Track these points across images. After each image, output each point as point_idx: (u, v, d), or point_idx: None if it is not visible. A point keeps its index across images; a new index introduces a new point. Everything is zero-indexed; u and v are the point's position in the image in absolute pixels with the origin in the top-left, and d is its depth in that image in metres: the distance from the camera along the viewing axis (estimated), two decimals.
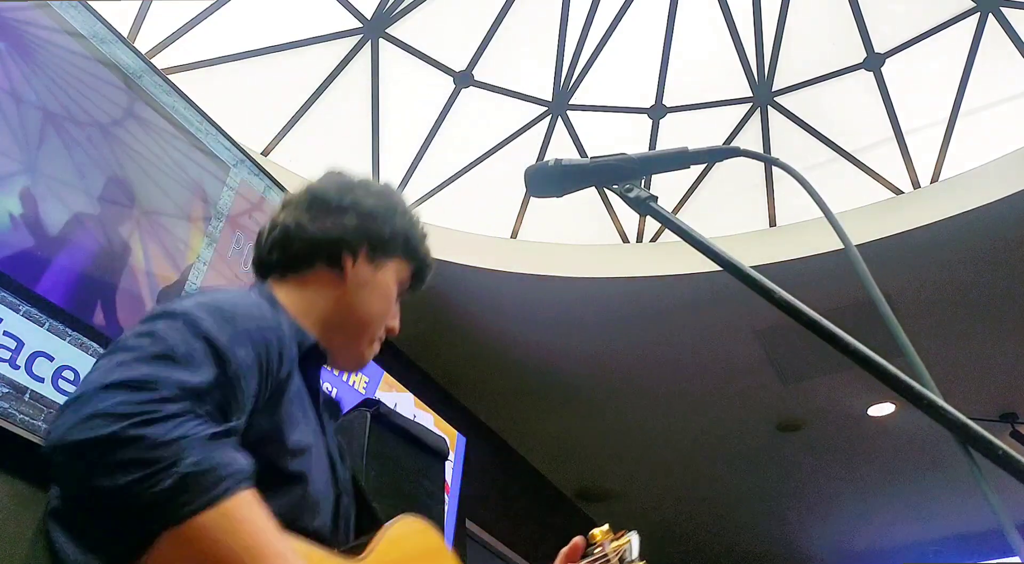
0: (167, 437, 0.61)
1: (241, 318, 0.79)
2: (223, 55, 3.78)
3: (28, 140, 2.28)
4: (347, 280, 1.01)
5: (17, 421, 2.06)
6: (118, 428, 0.60)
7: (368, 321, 1.03)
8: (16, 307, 2.12)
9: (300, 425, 0.86)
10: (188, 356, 0.69)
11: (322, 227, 1.02)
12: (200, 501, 0.60)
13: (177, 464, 0.60)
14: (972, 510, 6.51)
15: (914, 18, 4.23)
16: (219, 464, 0.63)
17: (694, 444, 5.75)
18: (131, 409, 0.61)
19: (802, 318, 0.68)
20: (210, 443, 0.64)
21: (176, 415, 0.63)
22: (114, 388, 0.63)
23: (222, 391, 0.71)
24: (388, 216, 1.06)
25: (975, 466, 0.58)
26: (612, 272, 4.40)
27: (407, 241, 1.07)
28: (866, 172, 4.51)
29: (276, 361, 0.82)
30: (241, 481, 0.65)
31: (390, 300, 1.06)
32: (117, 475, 0.58)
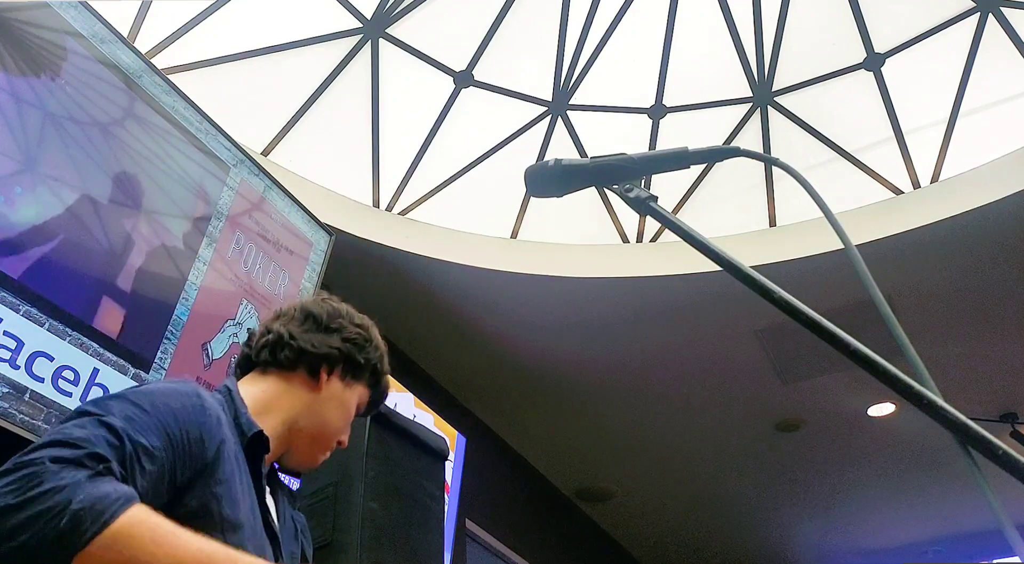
0: (50, 491, 0.71)
1: (160, 410, 0.90)
2: (223, 55, 3.78)
3: (28, 140, 2.28)
4: (321, 390, 1.17)
5: (17, 421, 2.06)
6: (5, 501, 0.69)
7: (329, 431, 1.17)
8: (16, 307, 2.12)
9: (235, 503, 0.95)
10: (80, 440, 0.79)
11: (311, 341, 1.18)
12: (96, 525, 0.70)
13: (66, 506, 0.70)
14: (972, 510, 6.51)
15: (914, 18, 4.23)
16: (104, 494, 0.73)
17: (694, 444, 5.75)
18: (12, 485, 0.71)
19: (802, 318, 0.68)
20: (92, 482, 0.74)
21: (53, 472, 0.73)
22: None
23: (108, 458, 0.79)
24: (365, 345, 1.23)
25: (975, 466, 0.58)
26: (612, 272, 4.40)
27: (374, 372, 1.24)
28: (866, 172, 4.51)
29: (196, 443, 0.92)
30: (129, 500, 0.74)
31: (349, 418, 1.21)
32: (20, 535, 0.68)
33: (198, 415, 0.95)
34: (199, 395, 0.99)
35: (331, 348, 1.19)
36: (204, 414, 0.96)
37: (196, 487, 0.91)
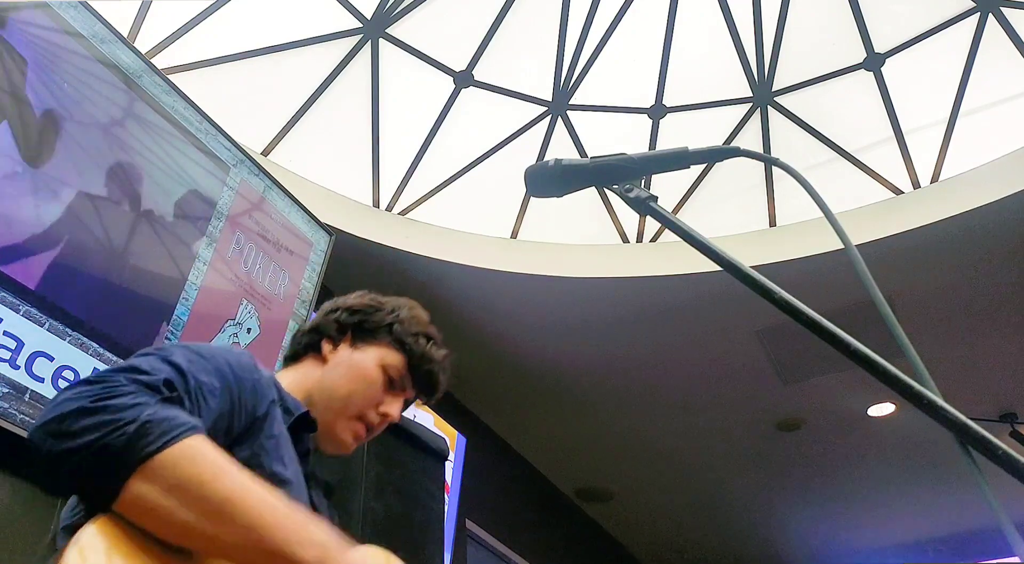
0: (125, 404, 0.73)
1: (213, 358, 0.91)
2: (223, 55, 3.78)
3: (28, 140, 2.28)
4: (326, 362, 1.16)
5: (17, 421, 2.06)
6: (82, 403, 0.72)
7: (339, 397, 1.12)
8: (16, 307, 2.12)
9: (283, 463, 0.95)
10: (149, 368, 0.80)
11: (314, 324, 1.22)
12: (161, 441, 0.71)
13: (136, 418, 0.71)
14: (972, 510, 6.51)
15: (914, 18, 4.23)
16: (173, 416, 0.74)
17: (694, 443, 5.75)
18: (92, 391, 0.73)
19: (802, 318, 0.68)
20: (163, 404, 0.76)
21: (131, 392, 0.75)
22: (76, 386, 0.75)
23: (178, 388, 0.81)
24: (372, 311, 1.21)
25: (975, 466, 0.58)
26: (612, 272, 4.40)
27: (392, 331, 1.19)
28: (866, 172, 4.51)
29: (248, 396, 0.93)
30: (196, 428, 0.75)
31: (369, 381, 1.14)
32: (86, 435, 0.69)
33: (251, 371, 0.96)
34: (251, 356, 1.00)
35: (333, 322, 1.20)
36: (257, 371, 0.98)
37: (246, 440, 0.92)
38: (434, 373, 1.20)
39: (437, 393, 1.22)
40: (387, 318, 1.20)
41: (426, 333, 1.22)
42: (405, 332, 1.19)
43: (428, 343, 1.20)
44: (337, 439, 1.13)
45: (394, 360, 1.17)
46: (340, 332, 1.19)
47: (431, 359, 1.20)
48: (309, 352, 1.19)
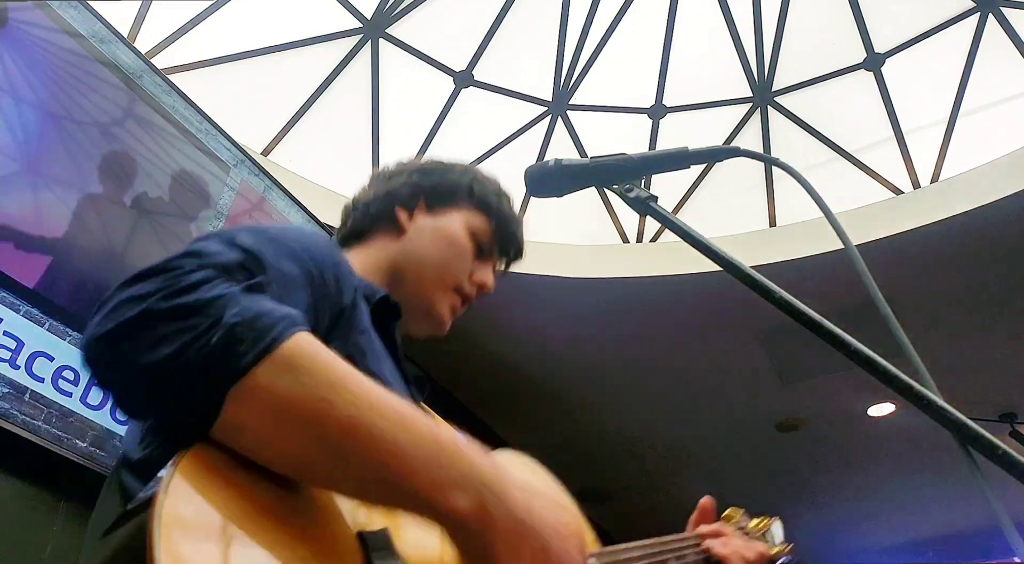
0: (200, 299, 0.54)
1: (287, 240, 0.73)
2: (223, 55, 3.78)
3: (28, 140, 2.28)
4: (406, 230, 1.01)
5: (17, 421, 2.06)
6: (146, 305, 0.54)
7: (432, 266, 0.99)
8: (16, 307, 2.12)
9: (379, 362, 0.80)
10: (217, 250, 0.63)
11: (377, 192, 1.05)
12: (257, 348, 0.53)
13: (220, 320, 0.53)
14: (972, 510, 6.51)
15: (914, 18, 4.23)
16: (264, 310, 0.55)
17: (694, 443, 5.75)
18: (155, 287, 0.55)
19: (802, 318, 0.68)
20: (248, 295, 0.57)
21: (204, 281, 0.56)
22: (133, 280, 0.57)
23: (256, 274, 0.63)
24: (443, 171, 1.06)
25: (975, 466, 0.58)
26: (612, 272, 4.40)
27: (471, 191, 1.05)
28: (866, 172, 4.51)
29: (332, 283, 0.75)
30: (296, 323, 0.56)
31: (458, 246, 1.01)
32: (160, 348, 0.52)
33: (331, 253, 0.78)
34: (328, 237, 0.84)
35: (399, 188, 1.04)
36: (337, 252, 0.80)
37: (335, 339, 0.75)
38: (519, 236, 1.09)
39: (521, 255, 1.11)
40: (465, 178, 1.06)
41: (506, 193, 1.09)
42: (487, 192, 1.06)
43: (508, 203, 1.08)
44: (435, 314, 1.00)
45: (480, 224, 1.04)
46: (414, 198, 1.03)
47: (516, 220, 1.08)
48: (378, 225, 1.02)
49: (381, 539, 0.59)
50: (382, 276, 0.98)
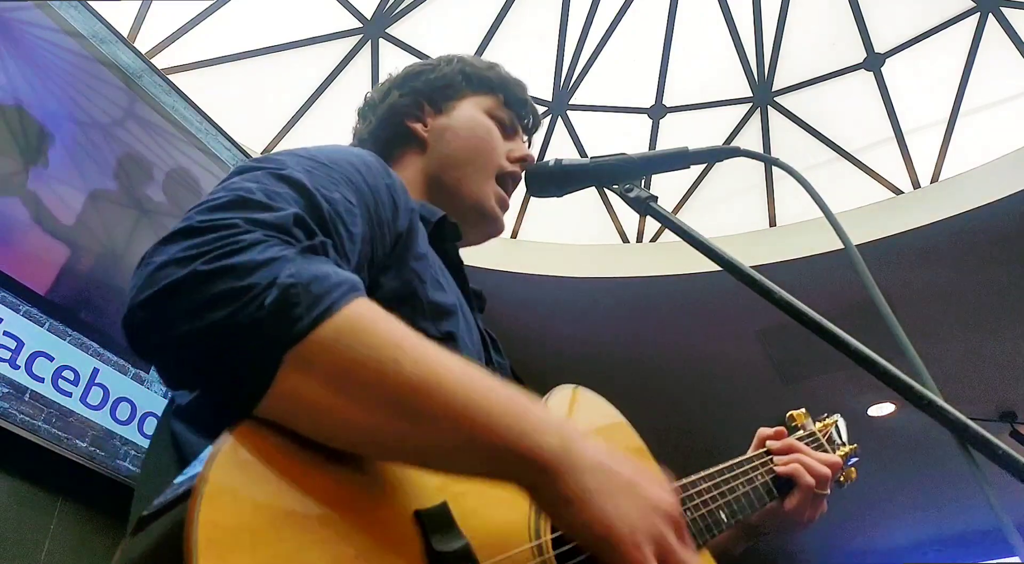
0: (252, 262, 0.50)
1: (339, 163, 0.69)
2: (223, 55, 3.78)
3: (28, 140, 2.28)
4: (426, 137, 0.98)
5: (17, 421, 2.06)
6: (192, 268, 0.50)
7: (467, 161, 0.96)
8: (16, 307, 2.12)
9: (441, 288, 0.77)
10: (266, 198, 0.58)
11: (379, 117, 1.01)
12: (315, 311, 0.50)
13: (274, 282, 0.49)
14: (972, 510, 6.51)
15: (914, 18, 4.23)
16: (322, 274, 0.52)
17: (694, 444, 5.75)
18: (201, 249, 0.51)
19: (802, 318, 0.68)
20: (304, 257, 0.54)
21: (255, 243, 0.52)
22: (176, 237, 0.53)
23: (312, 226, 0.59)
24: (431, 70, 1.03)
25: (975, 466, 0.58)
26: (612, 272, 4.40)
27: (467, 76, 1.02)
28: (866, 172, 4.51)
29: (388, 207, 0.72)
30: (353, 288, 0.53)
31: (484, 130, 0.98)
32: (208, 313, 0.48)
33: (383, 174, 0.74)
34: (378, 157, 0.79)
35: (396, 103, 1.00)
36: (389, 175, 0.76)
37: (393, 266, 0.72)
38: (529, 99, 1.06)
39: (539, 123, 1.09)
40: (455, 68, 1.02)
41: (498, 65, 1.07)
42: (481, 72, 1.04)
43: (506, 72, 1.06)
44: (486, 210, 0.97)
45: (490, 102, 1.02)
46: (417, 106, 1.00)
47: (520, 85, 1.06)
48: (396, 147, 0.99)
49: (440, 515, 0.55)
50: (422, 194, 0.95)
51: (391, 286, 0.71)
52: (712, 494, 0.87)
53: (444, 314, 0.75)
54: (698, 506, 0.83)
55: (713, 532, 0.82)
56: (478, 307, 0.99)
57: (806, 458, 1.02)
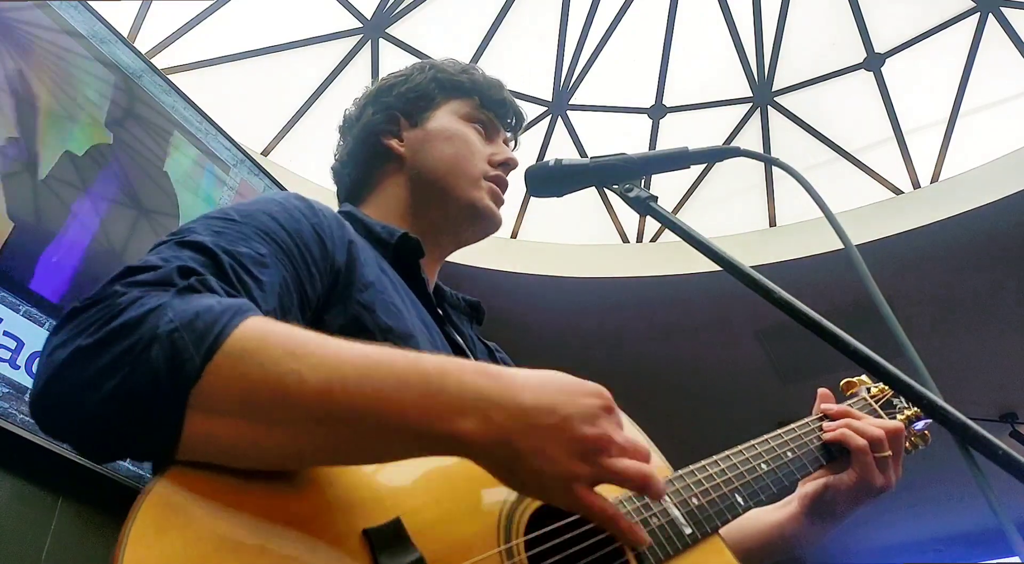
0: (131, 320, 0.50)
1: (254, 215, 0.69)
2: (223, 55, 3.78)
3: (28, 138, 2.28)
4: (403, 152, 0.97)
5: (17, 421, 2.06)
6: (76, 345, 0.50)
7: (447, 171, 0.95)
8: (16, 307, 2.12)
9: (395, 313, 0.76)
10: (156, 262, 0.58)
11: (355, 137, 1.01)
12: (202, 348, 0.49)
13: (155, 334, 0.49)
14: (972, 510, 6.51)
15: (914, 18, 4.23)
16: (203, 308, 0.51)
17: (694, 444, 5.74)
18: (81, 326, 0.51)
19: (802, 318, 0.68)
20: (182, 297, 0.53)
21: (132, 301, 0.52)
22: (62, 324, 0.53)
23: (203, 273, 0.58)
24: (404, 82, 1.01)
25: (975, 466, 0.58)
26: (612, 272, 4.40)
27: (439, 83, 1.00)
28: (866, 172, 4.51)
29: (316, 247, 0.71)
30: (240, 311, 0.52)
31: (459, 138, 0.97)
32: (102, 384, 0.48)
33: (307, 214, 0.74)
34: (301, 198, 0.79)
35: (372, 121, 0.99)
36: (314, 214, 0.75)
37: (336, 302, 0.71)
38: (508, 98, 1.04)
39: (522, 119, 1.07)
40: (427, 76, 1.01)
41: (472, 66, 1.05)
42: (454, 77, 1.01)
43: (479, 74, 1.04)
44: (481, 208, 0.95)
45: (466, 107, 1.00)
46: (392, 121, 0.99)
47: (497, 85, 1.04)
48: (376, 166, 0.98)
49: (390, 531, 0.54)
50: (407, 209, 0.95)
51: (338, 323, 0.71)
52: (726, 477, 0.85)
53: (400, 340, 0.74)
54: (707, 491, 0.80)
55: (726, 516, 0.79)
56: (476, 319, 1.00)
57: (855, 422, 0.98)
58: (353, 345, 0.53)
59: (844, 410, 1.02)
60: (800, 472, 0.93)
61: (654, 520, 0.72)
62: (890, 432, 0.97)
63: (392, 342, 0.72)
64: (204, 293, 0.55)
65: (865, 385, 1.12)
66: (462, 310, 0.99)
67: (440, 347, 0.81)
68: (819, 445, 0.97)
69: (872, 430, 0.96)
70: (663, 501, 0.74)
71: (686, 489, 0.80)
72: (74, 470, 2.19)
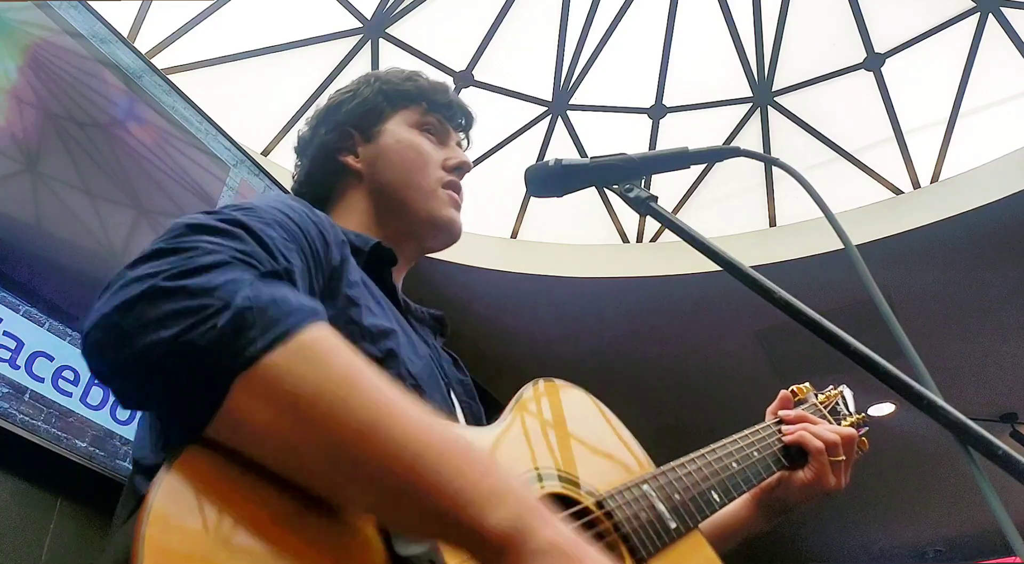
0: (210, 283, 0.51)
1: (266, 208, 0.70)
2: (223, 55, 3.78)
3: (28, 140, 2.28)
4: (360, 168, 0.99)
5: (17, 421, 2.06)
6: (152, 283, 0.50)
7: (403, 178, 0.97)
8: (16, 307, 2.12)
9: (375, 313, 0.78)
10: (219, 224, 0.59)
11: (312, 157, 1.02)
12: (268, 335, 0.49)
13: (228, 304, 0.49)
14: (972, 510, 6.51)
15: (914, 18, 4.23)
16: (279, 298, 0.52)
17: (694, 444, 5.74)
18: (163, 267, 0.52)
19: (802, 318, 0.68)
20: (263, 281, 0.54)
21: (217, 264, 0.53)
22: (141, 260, 0.54)
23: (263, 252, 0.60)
24: (351, 98, 1.03)
25: (975, 466, 0.58)
26: (612, 272, 4.40)
27: (386, 94, 1.02)
28: (866, 172, 4.51)
29: (320, 243, 0.73)
30: (312, 314, 0.53)
31: (412, 149, 0.99)
32: (162, 329, 0.48)
33: (308, 214, 0.76)
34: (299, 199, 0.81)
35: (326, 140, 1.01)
36: (314, 213, 0.78)
37: (328, 298, 0.73)
38: (454, 100, 1.05)
39: (472, 118, 1.08)
40: (372, 89, 1.03)
41: (415, 72, 1.06)
42: (398, 85, 1.03)
43: (423, 80, 1.05)
44: (440, 218, 0.98)
45: (414, 115, 1.02)
46: (345, 137, 1.01)
47: (441, 88, 1.05)
48: (334, 183, 1.00)
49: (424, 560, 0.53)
50: (371, 220, 0.97)
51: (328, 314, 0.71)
52: (703, 474, 0.89)
53: (382, 334, 0.75)
54: (688, 488, 0.84)
55: (705, 512, 0.83)
56: (439, 332, 1.01)
57: (812, 426, 1.04)
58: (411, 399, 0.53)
59: (801, 415, 1.09)
60: (766, 471, 0.99)
61: (643, 514, 0.74)
62: (845, 438, 1.04)
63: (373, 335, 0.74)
64: (284, 282, 0.56)
65: (812, 392, 1.19)
66: (426, 323, 0.99)
67: (417, 345, 0.83)
68: (780, 446, 1.03)
69: (829, 435, 1.03)
70: (649, 496, 0.77)
71: (669, 485, 0.83)
72: (76, 471, 2.19)
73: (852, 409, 1.20)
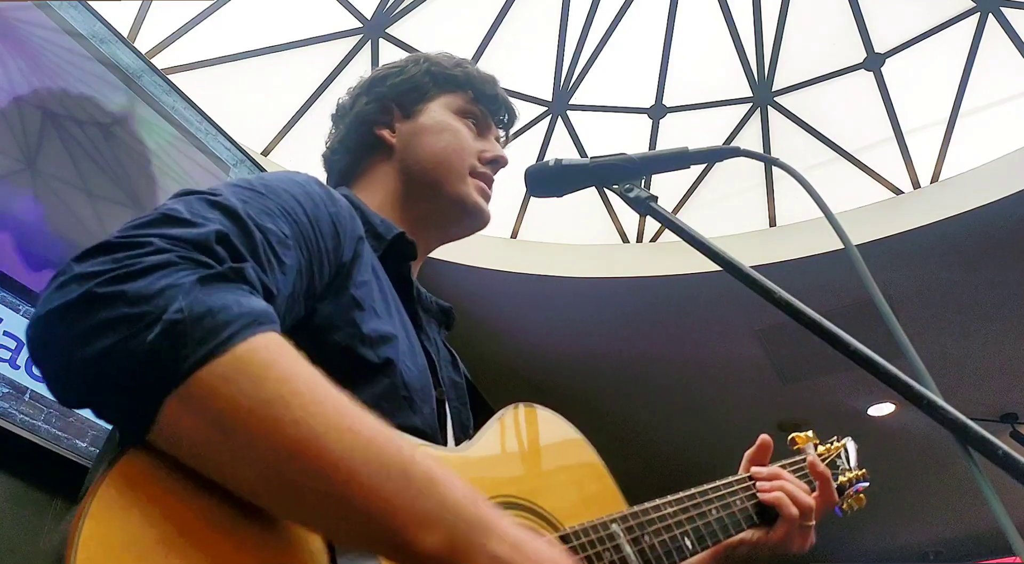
0: (148, 290, 0.48)
1: (278, 193, 0.67)
2: (223, 55, 3.77)
3: (28, 140, 2.28)
4: (394, 143, 0.97)
5: (17, 421, 2.06)
6: (89, 286, 0.48)
7: (437, 164, 0.95)
8: (16, 307, 2.12)
9: (380, 314, 0.75)
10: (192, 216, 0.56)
11: (348, 126, 1.01)
12: (201, 350, 0.47)
13: (161, 316, 0.47)
14: (972, 510, 6.51)
15: (914, 18, 4.23)
16: (218, 307, 0.49)
17: (694, 444, 5.75)
18: (106, 267, 0.49)
19: (802, 318, 0.68)
20: (204, 287, 0.50)
21: (160, 266, 0.50)
22: (90, 253, 0.51)
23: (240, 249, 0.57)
24: (398, 73, 1.02)
25: (975, 466, 0.58)
26: (612, 272, 4.40)
27: (433, 76, 1.00)
28: (866, 172, 4.51)
29: (330, 238, 0.70)
30: (254, 323, 0.50)
31: (450, 132, 0.97)
32: (95, 340, 0.46)
33: (327, 203, 0.73)
34: (321, 184, 0.77)
35: (364, 111, 1.00)
36: (333, 203, 0.74)
37: (331, 295, 0.70)
38: (501, 94, 1.04)
39: (515, 117, 1.07)
40: (421, 69, 1.01)
41: (465, 61, 1.04)
42: (448, 70, 1.01)
43: (473, 69, 1.03)
44: (469, 204, 0.95)
45: (459, 101, 1.00)
46: (386, 112, 0.99)
47: (491, 80, 1.03)
48: (366, 156, 0.98)
49: None
50: (397, 200, 0.95)
51: (328, 311, 0.70)
52: (678, 518, 0.86)
53: (382, 340, 0.73)
54: (659, 531, 0.81)
55: (674, 558, 0.80)
56: (444, 324, 0.99)
57: (791, 487, 0.99)
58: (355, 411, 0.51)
59: (775, 472, 1.03)
60: (735, 527, 0.95)
61: (607, 555, 0.71)
62: (819, 507, 1.01)
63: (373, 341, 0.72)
64: (232, 285, 0.53)
65: (812, 442, 1.14)
66: (433, 314, 0.97)
67: (417, 353, 0.81)
68: (754, 502, 0.98)
69: (805, 500, 0.98)
70: (616, 536, 0.74)
71: (640, 527, 0.80)
72: (76, 471, 2.19)
73: (853, 464, 1.15)
